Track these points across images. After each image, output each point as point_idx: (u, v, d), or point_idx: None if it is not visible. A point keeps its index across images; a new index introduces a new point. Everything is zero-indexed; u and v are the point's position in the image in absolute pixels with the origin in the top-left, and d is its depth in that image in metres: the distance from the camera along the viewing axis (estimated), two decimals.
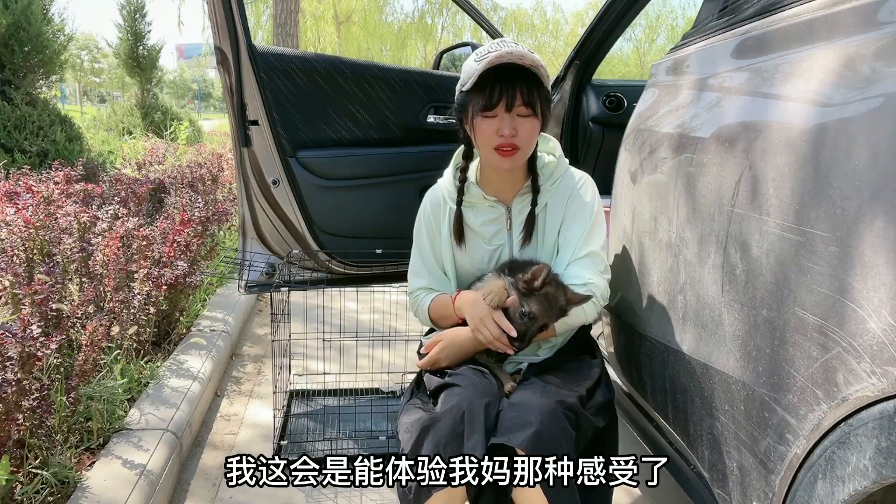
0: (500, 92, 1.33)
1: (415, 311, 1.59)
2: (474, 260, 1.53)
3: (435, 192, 1.58)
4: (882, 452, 0.73)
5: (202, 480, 1.98)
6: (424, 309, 1.54)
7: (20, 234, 2.60)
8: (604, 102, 2.69)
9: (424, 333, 1.63)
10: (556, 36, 24.93)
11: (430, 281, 1.56)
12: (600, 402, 1.35)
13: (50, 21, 6.30)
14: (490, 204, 1.50)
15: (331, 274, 2.31)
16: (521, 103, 1.34)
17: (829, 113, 0.88)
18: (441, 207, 1.55)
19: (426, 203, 1.57)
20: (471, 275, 1.54)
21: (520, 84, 1.34)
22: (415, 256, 1.59)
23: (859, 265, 0.78)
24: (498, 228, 1.51)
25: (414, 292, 1.58)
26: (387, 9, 21.52)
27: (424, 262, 1.57)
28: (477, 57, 1.36)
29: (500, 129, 1.35)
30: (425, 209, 1.57)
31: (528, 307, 1.34)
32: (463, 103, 1.41)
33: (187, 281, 2.70)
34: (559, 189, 1.49)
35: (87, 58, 30.29)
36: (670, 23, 24.14)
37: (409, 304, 1.61)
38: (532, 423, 1.19)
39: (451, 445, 1.20)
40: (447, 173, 1.58)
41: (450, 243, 1.53)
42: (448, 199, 1.54)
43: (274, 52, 2.11)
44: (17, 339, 1.64)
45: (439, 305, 1.52)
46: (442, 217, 1.54)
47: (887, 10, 0.84)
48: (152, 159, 6.45)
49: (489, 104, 1.34)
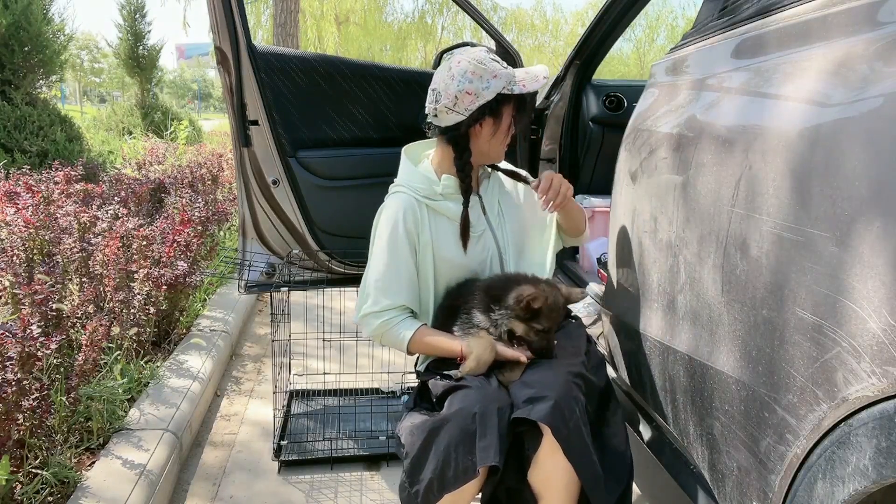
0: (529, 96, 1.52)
1: (380, 332, 1.45)
2: (474, 257, 1.53)
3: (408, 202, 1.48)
4: (882, 452, 0.73)
5: (202, 480, 1.99)
6: (405, 338, 1.42)
7: (20, 234, 2.60)
8: (604, 102, 2.69)
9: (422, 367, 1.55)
10: (556, 36, 24.91)
11: (407, 298, 1.47)
12: (597, 361, 1.42)
13: (50, 21, 6.30)
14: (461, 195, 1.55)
15: (331, 274, 2.31)
16: None
17: (829, 113, 0.88)
18: (429, 216, 1.50)
19: (400, 217, 1.46)
20: (461, 266, 1.52)
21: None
22: (387, 272, 1.45)
23: (859, 265, 0.78)
24: (477, 215, 1.55)
25: (384, 313, 1.44)
26: (387, 9, 21.51)
27: (402, 279, 1.46)
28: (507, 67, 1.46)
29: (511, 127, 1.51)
30: (402, 223, 1.46)
31: (541, 325, 1.36)
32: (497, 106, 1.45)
33: (187, 281, 2.70)
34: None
35: (87, 58, 30.30)
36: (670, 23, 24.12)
37: (371, 324, 1.45)
38: (549, 397, 1.22)
39: (462, 446, 1.20)
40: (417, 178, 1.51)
41: (430, 246, 1.49)
42: (435, 205, 1.50)
43: (274, 52, 2.11)
44: (17, 339, 1.64)
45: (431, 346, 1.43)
46: (434, 226, 1.50)
47: (886, 11, 0.84)
48: (152, 159, 6.45)
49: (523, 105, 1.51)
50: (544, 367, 1.33)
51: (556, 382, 1.25)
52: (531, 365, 1.35)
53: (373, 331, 1.47)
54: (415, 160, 1.59)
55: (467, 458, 1.19)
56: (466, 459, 1.19)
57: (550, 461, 1.22)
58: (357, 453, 2.08)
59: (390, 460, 2.08)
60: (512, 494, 1.30)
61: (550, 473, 1.23)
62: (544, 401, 1.21)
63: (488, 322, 1.39)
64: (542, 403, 1.21)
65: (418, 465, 1.23)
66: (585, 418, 1.25)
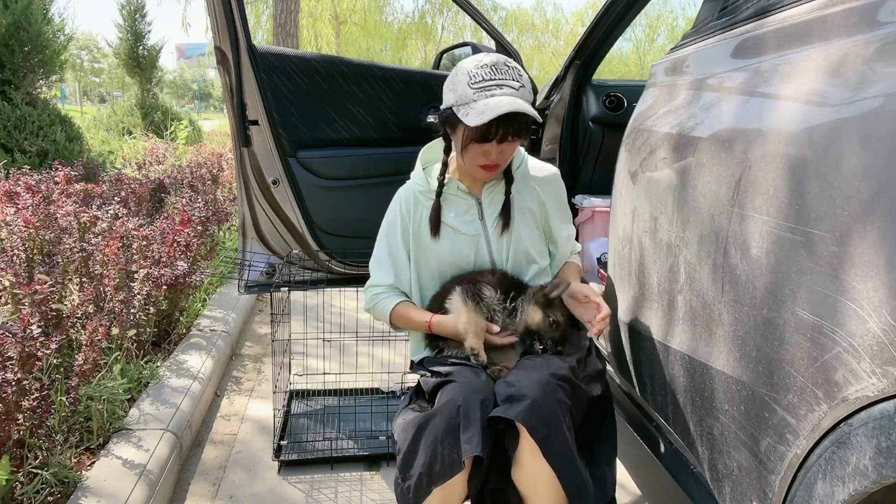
0: (496, 129, 1.37)
1: (371, 305, 1.61)
2: (456, 252, 1.54)
3: (407, 192, 1.59)
4: (882, 452, 0.73)
5: (202, 480, 1.99)
6: (386, 310, 1.56)
7: (20, 234, 2.60)
8: (604, 102, 2.69)
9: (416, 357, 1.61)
10: (556, 36, 24.90)
11: (396, 280, 1.58)
12: (593, 371, 1.39)
13: (50, 21, 6.30)
14: (462, 196, 1.55)
15: (331, 274, 2.31)
16: (512, 135, 1.39)
17: (829, 113, 0.88)
18: (417, 207, 1.57)
19: (400, 203, 1.58)
20: (452, 265, 1.55)
21: (514, 120, 1.37)
22: (381, 253, 1.59)
23: (859, 265, 0.78)
24: (471, 219, 1.55)
25: (375, 287, 1.59)
26: (387, 9, 21.50)
27: (394, 261, 1.58)
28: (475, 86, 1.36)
29: (489, 154, 1.41)
30: (400, 209, 1.57)
31: (554, 316, 1.41)
32: (452, 120, 1.41)
33: (187, 281, 2.70)
34: (522, 176, 1.58)
35: (87, 58, 30.31)
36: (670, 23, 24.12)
37: (366, 297, 1.62)
38: (527, 396, 1.21)
39: (447, 439, 1.20)
40: (418, 174, 1.61)
41: (431, 241, 1.55)
42: (422, 197, 1.57)
43: (274, 52, 2.11)
44: (17, 339, 1.64)
45: (406, 318, 1.54)
46: (420, 216, 1.56)
47: (886, 11, 0.84)
48: (152, 159, 6.45)
49: (485, 137, 1.38)
50: (530, 368, 1.33)
51: (538, 383, 1.24)
52: (519, 366, 1.37)
53: (366, 304, 1.62)
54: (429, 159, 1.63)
55: (453, 451, 1.20)
56: (453, 453, 1.19)
57: (532, 462, 1.21)
58: (357, 453, 2.08)
59: (390, 460, 2.08)
60: (497, 495, 1.31)
61: (535, 476, 1.22)
62: (522, 400, 1.21)
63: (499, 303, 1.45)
64: (520, 403, 1.21)
65: (409, 461, 1.24)
66: (570, 422, 1.24)
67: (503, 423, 1.23)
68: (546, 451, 1.18)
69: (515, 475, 1.25)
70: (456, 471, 1.19)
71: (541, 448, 1.18)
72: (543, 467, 1.20)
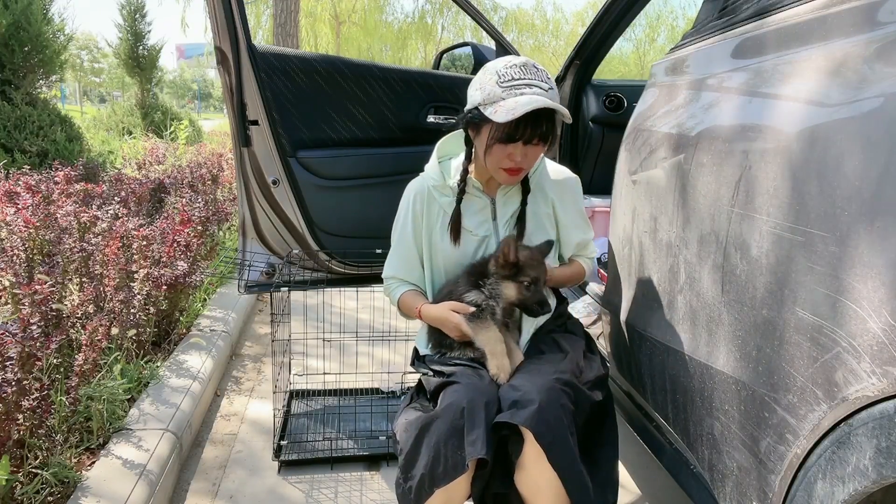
0: (523, 129, 1.34)
1: (387, 294, 1.68)
2: (463, 252, 1.54)
3: (420, 187, 1.55)
4: (882, 452, 0.73)
5: (202, 480, 1.99)
6: (395, 297, 1.63)
7: (20, 234, 2.60)
8: (604, 102, 2.69)
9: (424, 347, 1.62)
10: (556, 36, 24.88)
11: (407, 273, 1.60)
12: (595, 377, 1.39)
13: (50, 21, 6.30)
14: (477, 195, 1.53)
15: (331, 274, 2.31)
16: (538, 138, 1.37)
17: (828, 113, 0.88)
18: (431, 204, 1.54)
19: (411, 198, 1.55)
20: (458, 264, 1.54)
21: (541, 122, 1.35)
22: (395, 246, 1.61)
23: (859, 265, 0.78)
24: (483, 219, 1.54)
25: (388, 279, 1.65)
26: (387, 9, 21.49)
27: (405, 255, 1.59)
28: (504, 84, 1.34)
29: (514, 156, 1.38)
30: (412, 204, 1.55)
31: (526, 277, 1.40)
32: (477, 120, 1.39)
33: (187, 281, 2.70)
34: (539, 180, 1.56)
35: (87, 58, 30.30)
36: (670, 23, 24.09)
37: (384, 286, 1.69)
38: (533, 401, 1.21)
39: (451, 441, 1.20)
40: (433, 168, 1.56)
41: (440, 240, 1.53)
42: (436, 193, 1.53)
43: (274, 52, 2.11)
44: (17, 339, 1.64)
45: (407, 307, 1.60)
46: (434, 215, 1.54)
47: (886, 11, 0.84)
48: (152, 159, 6.45)
49: (511, 137, 1.36)
50: (535, 372, 1.32)
51: (543, 388, 1.24)
52: (521, 369, 1.36)
53: (384, 292, 1.69)
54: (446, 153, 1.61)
55: (457, 453, 1.20)
56: (456, 455, 1.20)
57: (536, 467, 1.21)
58: (357, 453, 2.08)
59: (390, 460, 2.08)
60: (499, 499, 1.31)
61: (538, 481, 1.22)
62: (529, 405, 1.21)
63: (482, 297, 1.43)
64: (527, 408, 1.20)
65: (411, 461, 1.24)
66: (573, 428, 1.24)
67: (507, 427, 1.23)
68: (551, 456, 1.18)
69: (518, 480, 1.25)
70: (459, 473, 1.19)
71: (546, 454, 1.18)
72: (547, 473, 1.20)
